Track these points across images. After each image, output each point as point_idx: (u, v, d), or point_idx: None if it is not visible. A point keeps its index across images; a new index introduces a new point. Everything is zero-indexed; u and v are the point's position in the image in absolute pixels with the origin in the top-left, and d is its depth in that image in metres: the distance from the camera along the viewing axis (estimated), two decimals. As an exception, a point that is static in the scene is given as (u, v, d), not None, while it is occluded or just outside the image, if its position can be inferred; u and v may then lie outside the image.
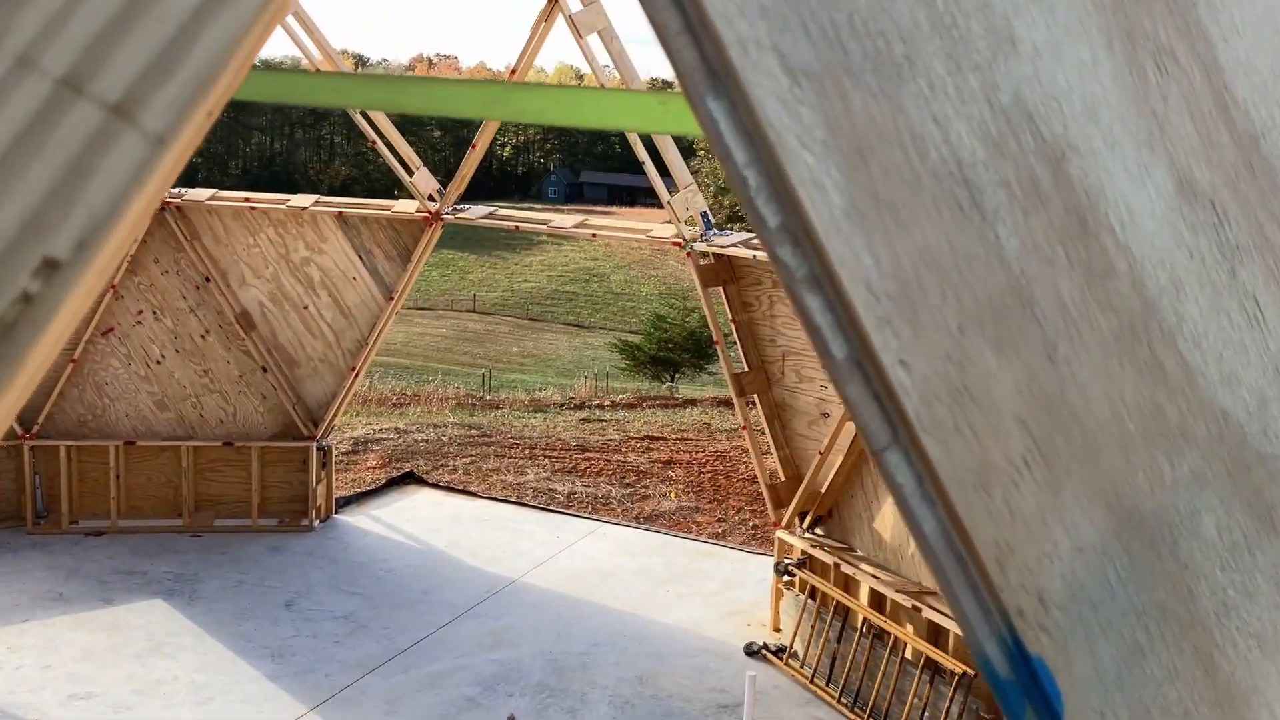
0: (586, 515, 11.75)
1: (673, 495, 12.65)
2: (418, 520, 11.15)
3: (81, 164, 0.50)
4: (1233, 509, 0.91)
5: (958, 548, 0.76)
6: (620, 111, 1.02)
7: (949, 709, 7.36)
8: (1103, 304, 0.83)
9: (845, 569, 8.50)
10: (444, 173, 11.20)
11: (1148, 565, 0.85)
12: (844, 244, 0.71)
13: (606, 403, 17.37)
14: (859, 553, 8.75)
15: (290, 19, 8.50)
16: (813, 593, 8.75)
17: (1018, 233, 0.79)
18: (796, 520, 9.12)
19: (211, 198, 9.77)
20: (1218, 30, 0.96)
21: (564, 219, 10.18)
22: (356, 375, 10.80)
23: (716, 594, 9.93)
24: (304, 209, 9.92)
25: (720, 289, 9.04)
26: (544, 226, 10.29)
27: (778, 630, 9.16)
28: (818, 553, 8.75)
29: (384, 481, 12.25)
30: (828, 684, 8.34)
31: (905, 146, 0.74)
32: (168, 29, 0.53)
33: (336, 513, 11.38)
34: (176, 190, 9.83)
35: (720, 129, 0.68)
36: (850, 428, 8.44)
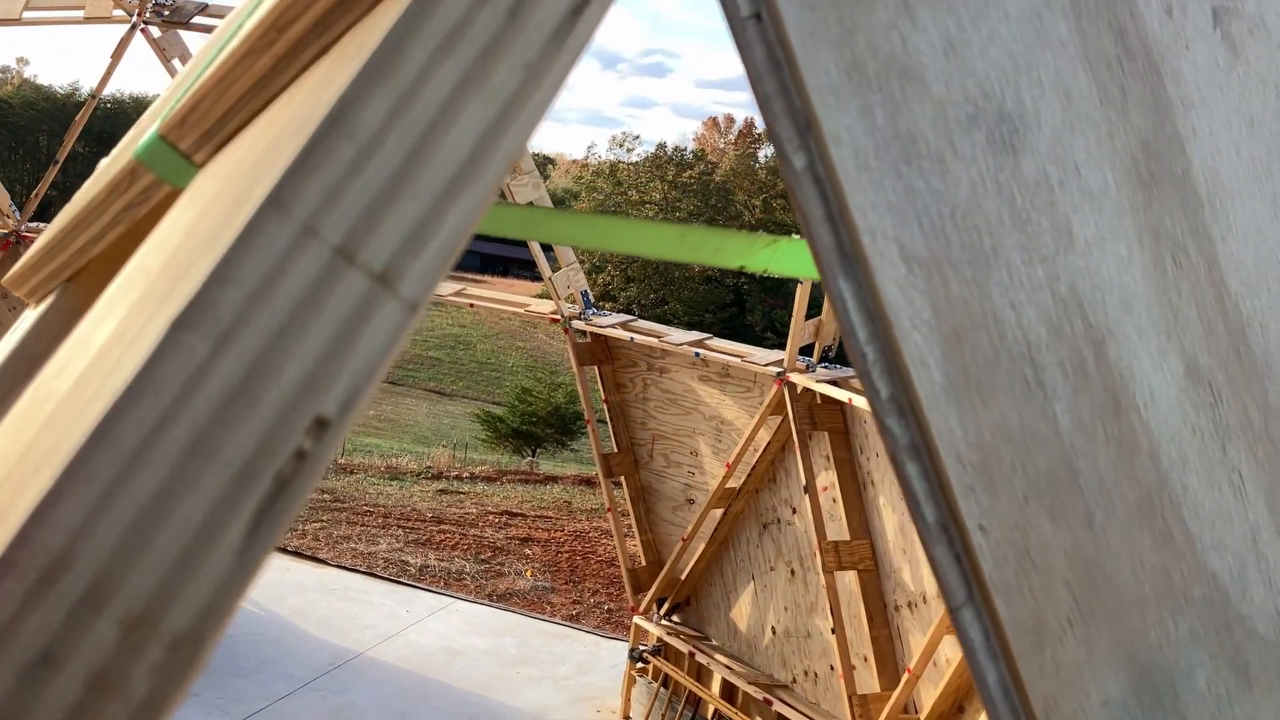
0: (438, 590, 11.54)
1: (529, 574, 12.52)
2: (261, 585, 10.72)
3: (349, 329, 0.53)
4: (1219, 665, 1.01)
5: (1014, 700, 0.82)
6: (641, 239, 1.08)
7: (796, 803, 7.44)
8: (1129, 477, 0.92)
9: (700, 658, 8.55)
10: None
11: (1155, 717, 0.93)
12: (940, 417, 0.77)
13: (465, 474, 17.15)
14: (714, 642, 8.82)
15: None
16: (665, 681, 8.76)
17: (1069, 410, 0.88)
18: (654, 606, 9.15)
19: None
20: (1218, 229, 1.07)
21: (440, 285, 10.11)
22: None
23: (568, 678, 9.85)
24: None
25: (595, 368, 9.11)
26: (421, 293, 10.19)
27: (628, 718, 9.12)
28: (673, 640, 8.78)
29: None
30: (676, 773, 8.33)
31: (989, 328, 0.82)
32: (425, 203, 0.56)
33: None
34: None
35: (848, 306, 0.75)
36: (714, 515, 8.56)
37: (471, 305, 9.59)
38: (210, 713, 8.19)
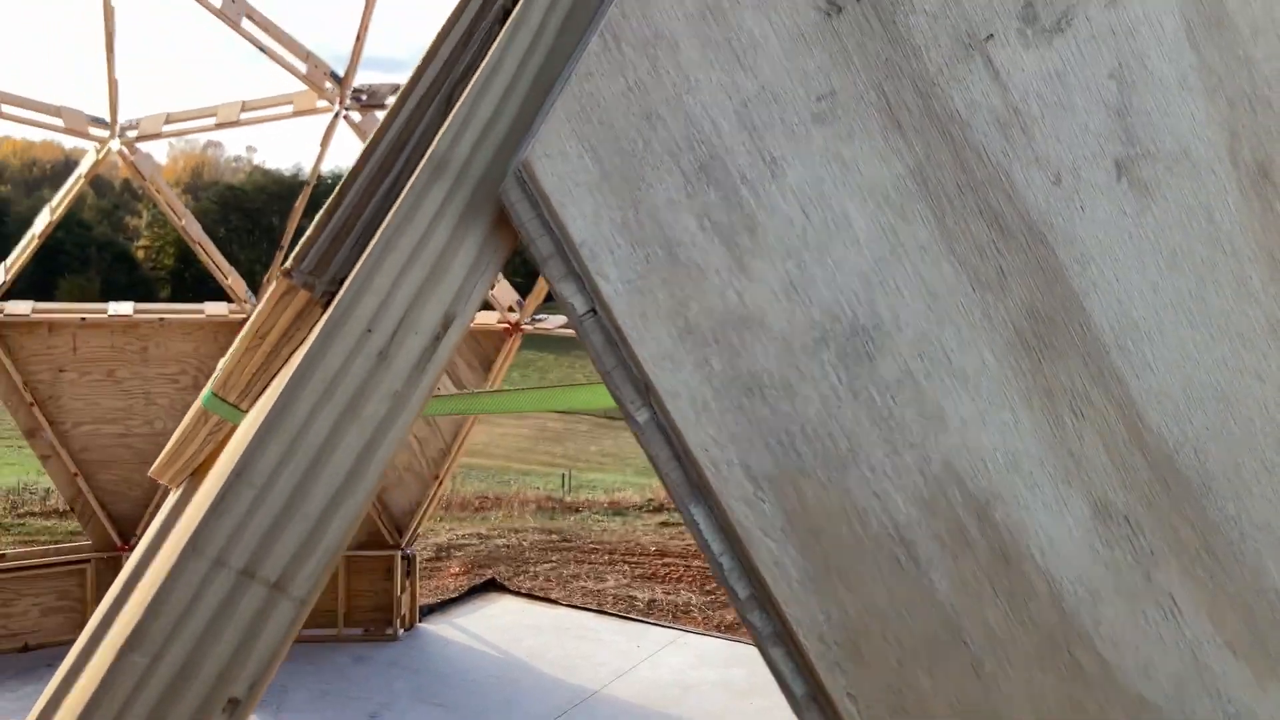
0: (667, 624, 11.85)
1: (750, 600, 12.64)
2: (499, 629, 11.33)
3: (252, 629, 0.75)
4: (1152, 779, 1.10)
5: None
6: (543, 400, 1.28)
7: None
8: (1025, 623, 1.04)
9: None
10: (524, 274, 11.66)
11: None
12: (800, 608, 0.92)
13: (684, 503, 17.42)
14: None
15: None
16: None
17: (948, 575, 1.00)
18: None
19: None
20: (1130, 371, 1.16)
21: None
22: (440, 483, 11.13)
23: (796, 704, 9.89)
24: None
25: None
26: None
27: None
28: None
29: (467, 589, 12.52)
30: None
31: (851, 521, 0.96)
32: (311, 521, 0.78)
33: (420, 621, 11.64)
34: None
35: (700, 529, 0.91)
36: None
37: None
38: (463, 757, 8.71)
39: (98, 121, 8.01)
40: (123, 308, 8.42)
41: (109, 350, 8.40)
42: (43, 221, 8.02)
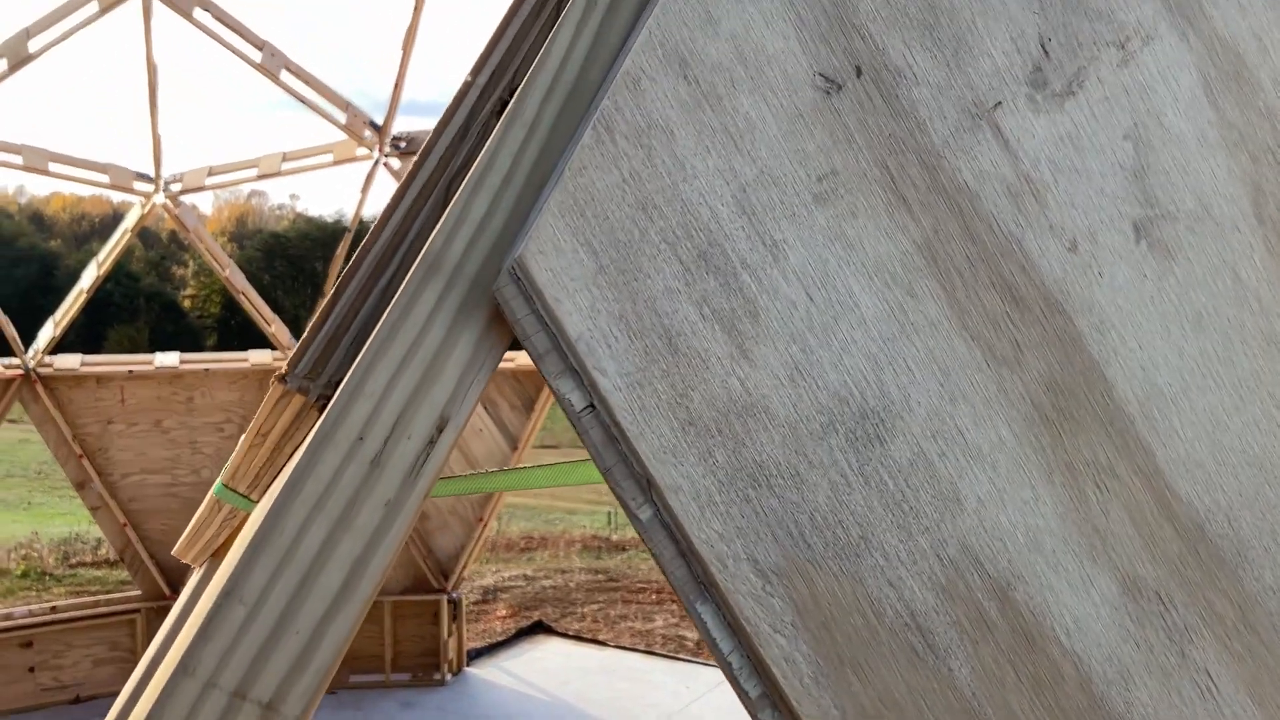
0: (716, 664, 11.71)
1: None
2: (547, 672, 11.29)
3: (241, 755, 0.74)
4: None
5: None
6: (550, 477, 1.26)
7: None
8: (1051, 709, 1.00)
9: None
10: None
11: None
12: (814, 705, 0.90)
13: (730, 538, 17.33)
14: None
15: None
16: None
17: (969, 662, 0.97)
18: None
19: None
20: (1157, 439, 1.13)
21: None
22: (485, 524, 11.15)
23: (847, 741, 9.76)
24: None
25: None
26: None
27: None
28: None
29: (514, 632, 12.51)
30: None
31: (864, 612, 0.93)
32: (303, 638, 0.77)
33: (468, 665, 11.64)
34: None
35: (708, 626, 0.89)
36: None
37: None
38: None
39: (142, 177, 8.17)
40: (169, 358, 8.54)
41: (156, 401, 8.52)
42: (90, 276, 8.18)
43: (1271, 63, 1.19)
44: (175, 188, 8.37)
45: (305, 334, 0.88)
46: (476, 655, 11.73)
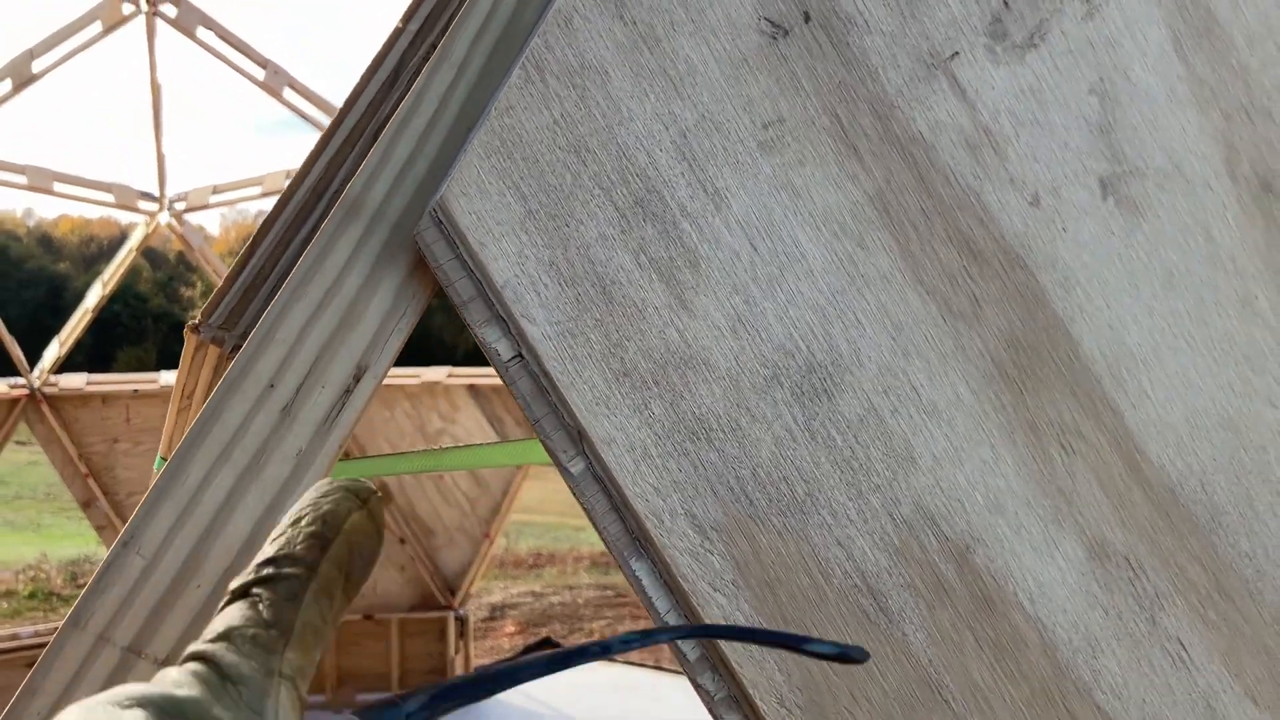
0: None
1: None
2: (555, 689, 11.21)
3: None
4: (1166, 845, 1.00)
5: None
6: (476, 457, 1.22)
7: None
8: (1013, 676, 0.96)
9: None
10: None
11: None
12: (756, 668, 0.86)
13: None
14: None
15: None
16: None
17: (924, 627, 0.93)
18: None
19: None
20: (1125, 399, 1.08)
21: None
22: (492, 541, 11.10)
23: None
24: (437, 383, 10.41)
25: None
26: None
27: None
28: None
29: (522, 649, 12.44)
30: None
31: (811, 572, 0.89)
32: (203, 594, 0.73)
33: (475, 682, 11.45)
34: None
35: (643, 584, 0.85)
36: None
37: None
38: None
39: (147, 196, 8.19)
40: (174, 377, 8.51)
41: (161, 419, 8.51)
42: (95, 296, 8.19)
43: (1244, 19, 1.15)
44: (180, 206, 8.39)
45: (221, 283, 0.85)
46: (484, 673, 11.55)
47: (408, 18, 0.92)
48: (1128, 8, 1.10)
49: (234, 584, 0.50)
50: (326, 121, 8.08)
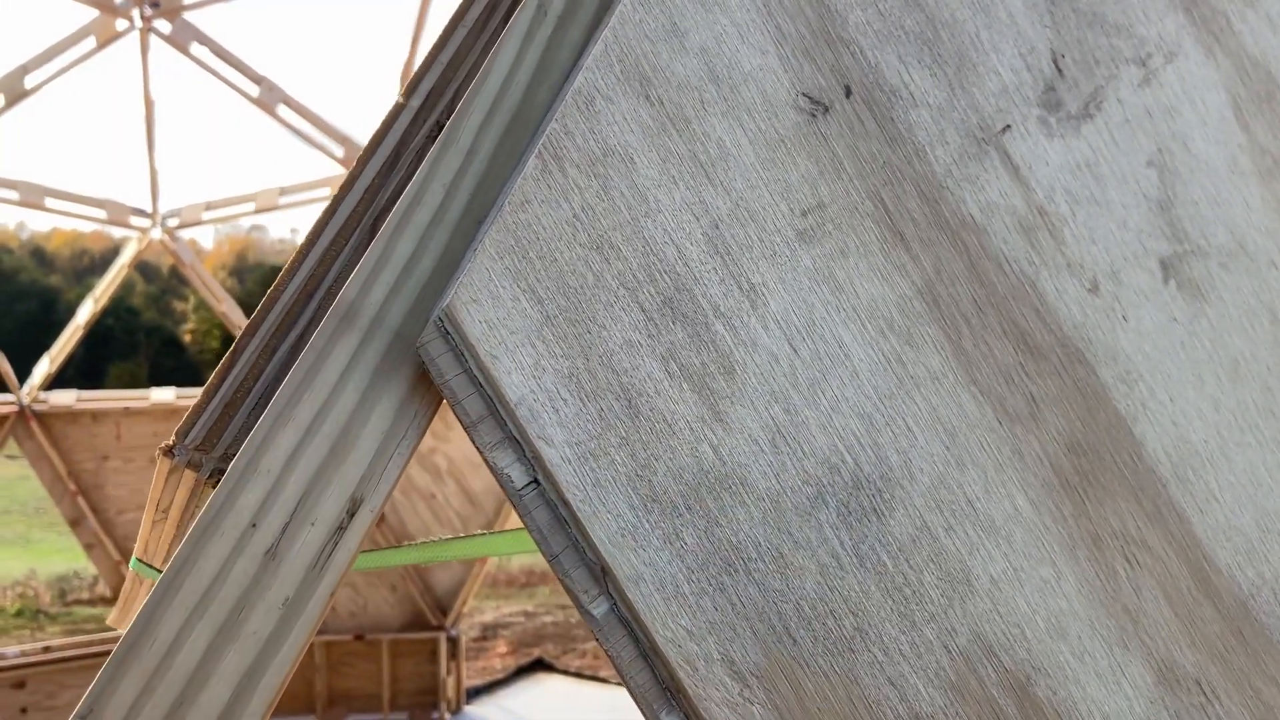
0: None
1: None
2: (548, 711, 11.10)
3: None
4: None
5: None
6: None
7: None
8: (1080, 824, 0.86)
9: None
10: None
11: None
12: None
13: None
14: None
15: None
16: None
17: (983, 773, 0.83)
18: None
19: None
20: (1192, 503, 0.99)
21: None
22: (484, 561, 10.98)
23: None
24: (430, 404, 10.31)
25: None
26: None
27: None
28: None
29: (514, 669, 12.33)
30: None
31: (860, 717, 0.80)
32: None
33: (467, 704, 11.45)
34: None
35: (675, 741, 0.76)
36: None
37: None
38: None
39: (139, 212, 8.10)
40: (165, 394, 8.44)
41: (152, 437, 8.41)
42: (86, 311, 8.10)
43: (1308, 81, 1.07)
44: (172, 222, 8.30)
45: (199, 398, 0.75)
46: (476, 694, 11.55)
47: (409, 92, 0.82)
48: (1186, 72, 1.01)
49: None
50: (320, 138, 7.99)
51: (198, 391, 8.40)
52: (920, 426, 0.86)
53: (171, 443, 0.73)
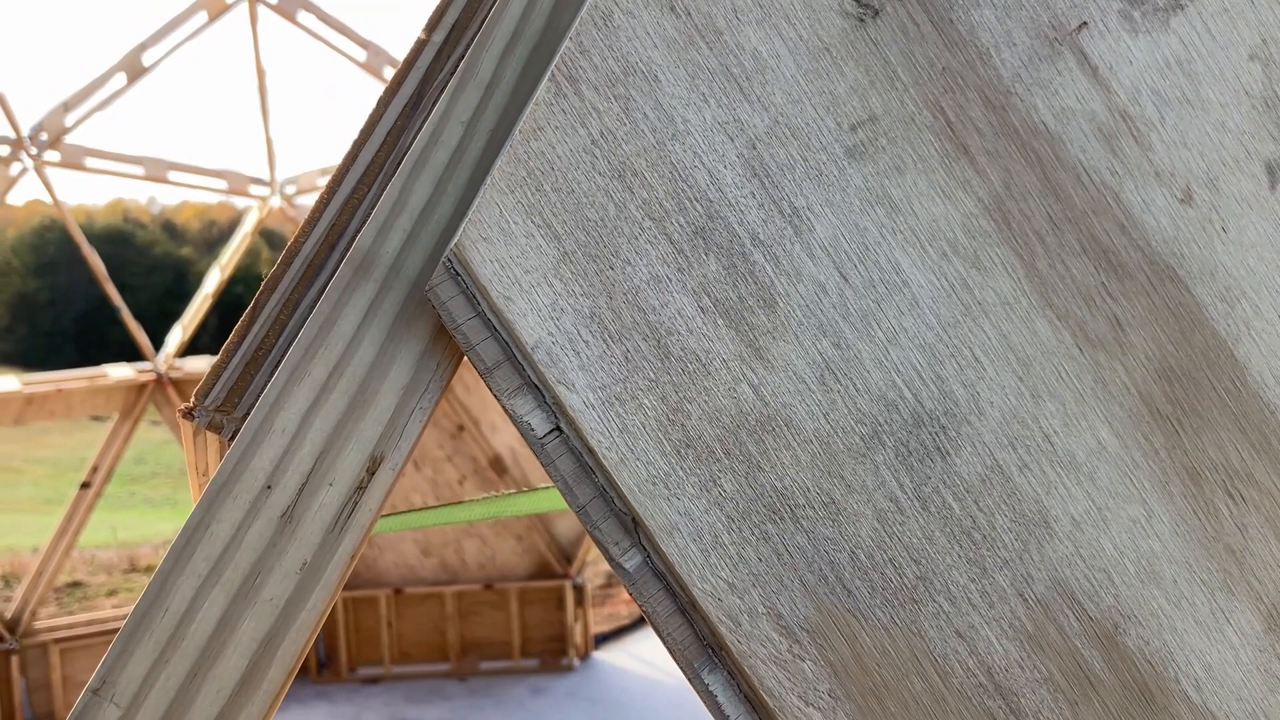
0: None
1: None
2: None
3: None
4: None
5: None
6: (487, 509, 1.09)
7: None
8: (1179, 782, 0.79)
9: None
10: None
11: None
12: (860, 794, 0.71)
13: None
14: None
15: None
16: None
17: (1066, 729, 0.77)
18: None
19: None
20: (1307, 432, 0.90)
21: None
22: (606, 512, 11.00)
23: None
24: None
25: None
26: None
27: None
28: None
29: (639, 616, 12.45)
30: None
31: (926, 673, 0.74)
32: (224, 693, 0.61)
33: (595, 650, 11.64)
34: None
35: (719, 702, 0.71)
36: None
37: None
38: None
39: (258, 181, 8.31)
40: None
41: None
42: (214, 280, 8.37)
43: None
44: (290, 189, 8.49)
45: (218, 356, 0.72)
46: (604, 640, 11.71)
47: (432, 26, 0.78)
48: (1296, -51, 0.91)
49: None
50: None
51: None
52: (989, 357, 0.79)
53: (191, 404, 0.70)
